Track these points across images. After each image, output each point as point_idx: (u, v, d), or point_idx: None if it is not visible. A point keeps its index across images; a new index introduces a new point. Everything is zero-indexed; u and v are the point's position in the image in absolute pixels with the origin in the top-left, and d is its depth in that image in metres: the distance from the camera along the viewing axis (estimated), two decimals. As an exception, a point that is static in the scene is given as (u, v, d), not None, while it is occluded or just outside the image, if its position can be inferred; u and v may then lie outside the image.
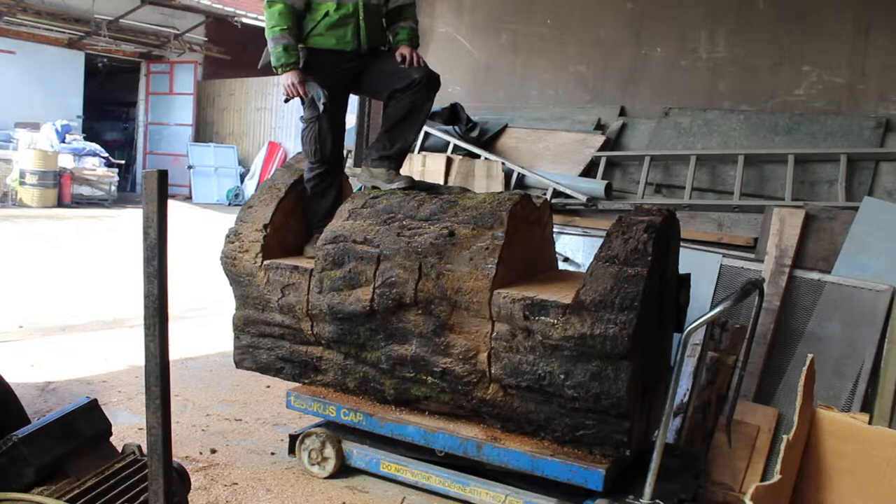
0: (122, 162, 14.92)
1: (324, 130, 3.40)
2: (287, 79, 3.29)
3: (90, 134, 15.25)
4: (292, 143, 14.43)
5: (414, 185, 3.36)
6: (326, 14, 3.32)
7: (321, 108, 3.32)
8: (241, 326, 3.36)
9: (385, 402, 3.14)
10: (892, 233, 3.64)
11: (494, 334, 2.77)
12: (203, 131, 16.50)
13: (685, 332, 2.56)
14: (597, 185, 4.71)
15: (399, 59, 3.41)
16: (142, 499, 2.01)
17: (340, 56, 3.40)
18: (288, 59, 3.27)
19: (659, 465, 2.52)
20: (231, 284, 3.38)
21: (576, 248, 4.51)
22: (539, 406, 2.75)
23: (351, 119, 5.80)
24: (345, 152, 3.75)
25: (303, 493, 3.05)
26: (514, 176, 5.07)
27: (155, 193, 1.60)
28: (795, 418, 2.17)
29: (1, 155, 12.54)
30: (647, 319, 2.60)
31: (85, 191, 13.06)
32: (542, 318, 2.64)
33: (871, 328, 3.51)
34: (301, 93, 3.31)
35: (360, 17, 3.35)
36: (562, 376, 2.63)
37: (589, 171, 5.00)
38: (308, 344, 3.21)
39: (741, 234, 4.29)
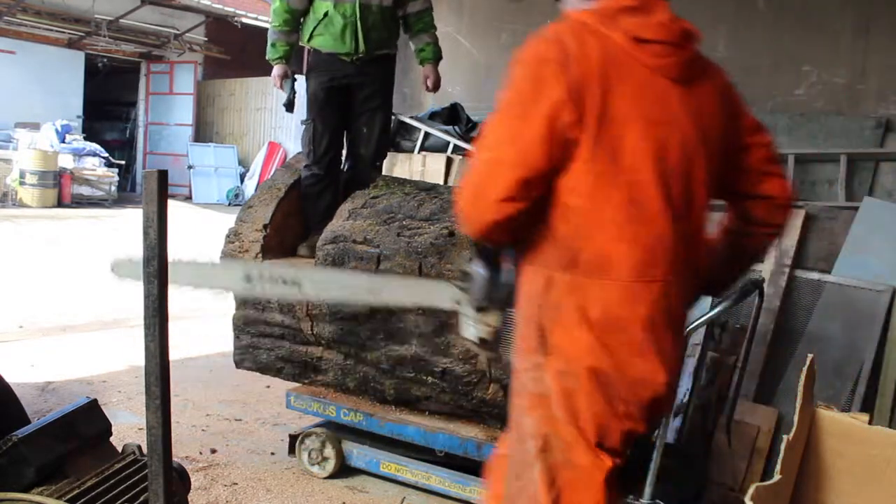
0: (122, 162, 14.89)
1: (318, 132, 3.48)
2: (273, 72, 3.58)
3: (90, 134, 15.21)
4: (292, 143, 14.42)
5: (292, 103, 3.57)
6: (326, 14, 3.36)
7: (284, 106, 3.60)
8: (241, 326, 3.36)
9: (385, 402, 3.14)
10: (893, 233, 3.64)
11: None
12: (203, 131, 16.49)
13: (685, 332, 2.55)
14: (597, 185, 4.70)
15: (422, 79, 3.68)
16: (142, 499, 2.01)
17: (340, 59, 3.42)
18: (274, 54, 3.54)
19: (659, 465, 2.52)
20: (231, 284, 3.38)
21: (576, 248, 4.51)
22: (539, 406, 2.75)
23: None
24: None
25: (303, 493, 3.05)
26: (514, 176, 5.06)
27: (155, 193, 1.60)
28: (795, 418, 2.17)
29: (1, 155, 12.53)
30: (647, 319, 2.59)
31: (85, 191, 13.04)
32: (542, 318, 2.63)
33: (871, 328, 3.51)
34: (279, 86, 3.58)
35: (357, 20, 3.36)
36: (562, 376, 2.63)
37: (589, 171, 5.00)
38: (308, 344, 3.21)
39: (741, 234, 4.28)
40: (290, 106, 3.59)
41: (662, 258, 1.50)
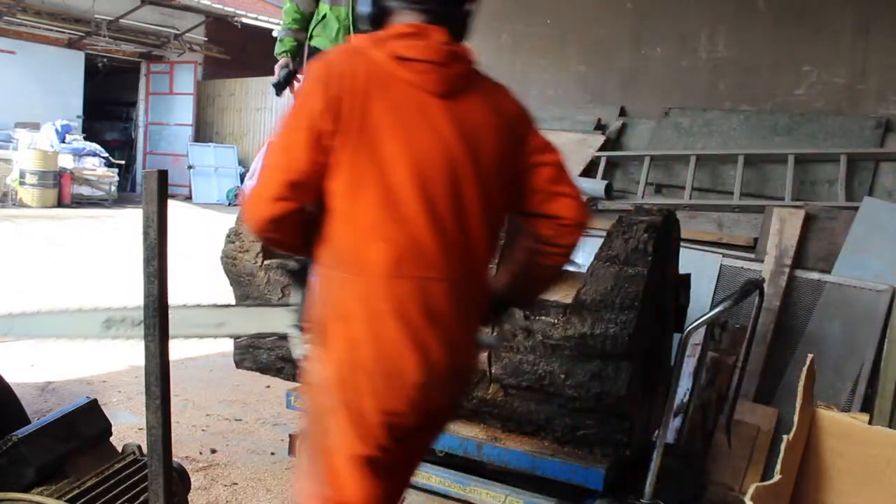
0: (122, 162, 14.89)
1: None
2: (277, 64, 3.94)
3: (90, 134, 15.21)
4: (292, 143, 14.41)
5: None
6: (324, 16, 3.55)
7: (274, 86, 3.88)
8: (241, 326, 3.35)
9: (385, 402, 3.13)
10: (893, 233, 3.64)
11: (494, 334, 2.77)
12: (203, 131, 16.49)
13: (685, 332, 2.56)
14: (597, 185, 4.70)
15: None
16: (142, 499, 2.01)
17: None
18: (280, 48, 3.92)
19: (659, 465, 2.52)
20: (231, 284, 3.37)
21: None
22: (539, 406, 2.75)
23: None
24: None
25: (303, 493, 3.05)
26: (514, 176, 5.06)
27: (155, 193, 1.60)
28: (795, 418, 2.16)
29: (1, 155, 12.53)
30: (647, 319, 2.60)
31: (85, 191, 13.04)
32: (543, 317, 2.64)
33: (871, 328, 3.51)
34: (276, 75, 3.88)
35: (350, 23, 3.54)
36: (562, 376, 2.63)
37: (589, 171, 4.99)
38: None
39: (741, 234, 4.28)
40: (279, 88, 3.83)
41: (419, 257, 1.60)
